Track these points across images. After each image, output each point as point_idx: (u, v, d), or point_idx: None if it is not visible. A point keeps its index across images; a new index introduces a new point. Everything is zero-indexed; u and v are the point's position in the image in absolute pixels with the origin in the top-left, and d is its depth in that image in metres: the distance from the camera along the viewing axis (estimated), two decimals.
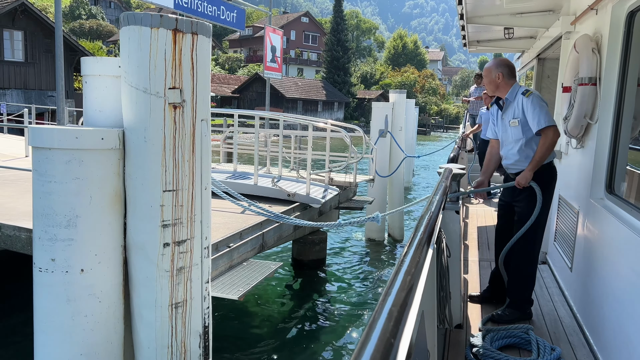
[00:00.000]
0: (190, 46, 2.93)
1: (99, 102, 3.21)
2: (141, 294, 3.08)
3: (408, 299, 1.11)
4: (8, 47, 21.24)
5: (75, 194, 2.82)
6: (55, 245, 2.83)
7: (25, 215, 5.94)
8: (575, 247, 3.89)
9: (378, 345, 0.86)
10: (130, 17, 2.81)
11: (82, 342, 2.93)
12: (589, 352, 3.20)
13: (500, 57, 4.15)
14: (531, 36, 7.53)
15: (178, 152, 2.97)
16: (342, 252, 10.48)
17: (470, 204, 8.34)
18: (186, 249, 3.10)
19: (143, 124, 2.89)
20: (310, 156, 7.36)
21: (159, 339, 3.09)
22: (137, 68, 2.85)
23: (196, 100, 3.02)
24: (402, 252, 1.48)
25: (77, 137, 2.78)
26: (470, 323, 3.62)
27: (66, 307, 2.88)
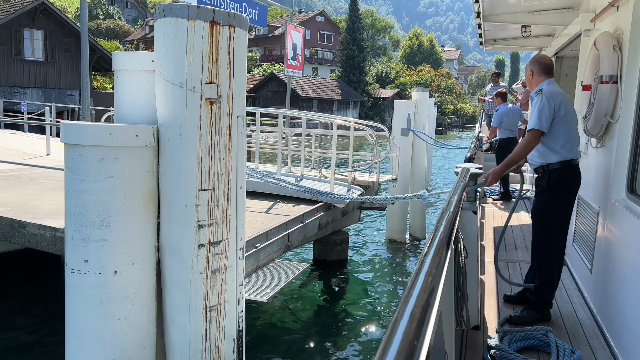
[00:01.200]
0: (227, 39, 2.81)
1: (131, 98, 3.11)
2: (174, 297, 2.97)
3: (430, 300, 1.11)
4: (28, 47, 21.43)
5: (109, 193, 2.72)
6: (88, 245, 2.73)
7: (49, 213, 5.89)
8: (595, 248, 3.81)
9: (401, 347, 0.85)
10: (167, 8, 2.70)
11: (114, 346, 2.83)
12: (610, 355, 3.12)
13: (539, 53, 4.06)
14: (549, 34, 7.40)
15: (214, 149, 2.86)
16: (364, 252, 10.33)
17: (486, 204, 8.16)
18: (221, 250, 2.99)
19: (179, 120, 2.78)
20: (335, 155, 7.22)
21: (193, 343, 2.98)
22: (172, 62, 2.73)
23: (233, 96, 2.90)
24: (422, 253, 1.47)
25: (111, 134, 2.68)
26: (488, 324, 3.57)
27: (99, 309, 2.78)
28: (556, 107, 3.36)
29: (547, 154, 3.43)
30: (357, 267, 9.41)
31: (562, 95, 3.44)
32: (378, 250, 10.57)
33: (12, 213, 5.88)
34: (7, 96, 20.72)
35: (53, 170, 9.14)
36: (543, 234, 3.52)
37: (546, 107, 3.34)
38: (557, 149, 3.40)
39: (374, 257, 10.08)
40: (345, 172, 8.12)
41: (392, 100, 58.41)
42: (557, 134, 3.38)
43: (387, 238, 11.13)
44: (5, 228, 5.76)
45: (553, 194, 3.43)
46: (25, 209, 6.12)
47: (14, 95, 21.12)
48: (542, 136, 3.37)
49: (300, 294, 7.96)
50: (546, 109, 3.34)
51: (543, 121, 3.34)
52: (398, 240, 10.96)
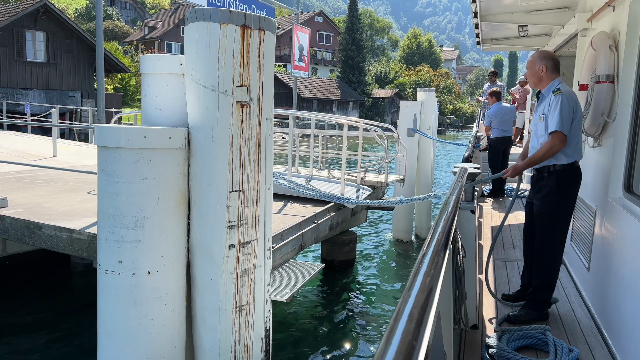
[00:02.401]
0: (258, 43, 2.85)
1: (159, 101, 3.14)
2: (205, 297, 3.01)
3: (428, 300, 1.11)
4: (30, 48, 21.43)
5: (143, 195, 2.76)
6: (122, 246, 2.77)
7: (64, 215, 5.92)
8: (592, 247, 3.82)
9: (400, 347, 0.86)
10: (199, 12, 2.74)
11: (147, 345, 2.87)
12: (608, 354, 3.13)
13: (544, 50, 4.06)
14: (546, 34, 7.41)
15: (244, 151, 2.90)
16: (371, 252, 10.37)
17: (484, 203, 8.21)
18: (250, 250, 3.03)
19: (211, 122, 2.82)
20: (345, 156, 7.26)
21: (223, 342, 3.02)
22: (205, 65, 2.78)
23: (262, 99, 2.94)
24: (421, 253, 1.48)
25: (146, 137, 2.72)
26: (486, 324, 3.57)
27: (132, 310, 2.82)
28: (574, 109, 3.32)
29: (558, 155, 3.38)
30: (364, 267, 9.45)
31: (576, 97, 3.41)
32: (385, 250, 10.61)
33: (27, 215, 5.91)
34: (10, 97, 20.72)
35: (61, 172, 9.17)
36: (549, 234, 3.49)
37: (567, 109, 3.26)
38: (569, 151, 3.36)
39: (381, 257, 10.13)
40: (355, 172, 8.16)
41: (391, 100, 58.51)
42: (571, 137, 3.33)
43: (394, 238, 11.18)
44: (20, 230, 5.79)
45: (561, 195, 3.41)
46: (39, 210, 6.14)
47: (16, 96, 21.11)
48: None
49: (308, 294, 8.00)
50: (567, 111, 3.26)
51: (565, 123, 3.26)
52: (404, 240, 11.01)
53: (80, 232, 5.34)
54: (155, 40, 57.81)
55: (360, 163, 8.23)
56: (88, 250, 5.32)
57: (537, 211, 3.56)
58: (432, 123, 11.43)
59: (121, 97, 26.57)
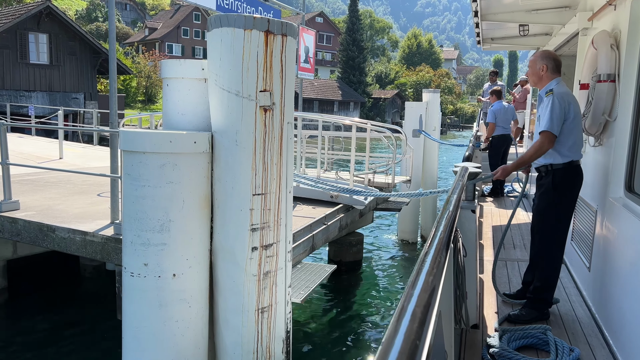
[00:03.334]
0: (280, 48, 2.89)
1: (181, 105, 3.18)
2: (228, 299, 3.05)
3: (431, 300, 1.10)
4: (33, 50, 21.47)
5: (169, 198, 2.79)
6: (148, 250, 2.81)
7: (76, 217, 5.96)
8: (593, 247, 3.81)
9: (403, 347, 0.85)
10: (223, 18, 2.78)
11: (172, 347, 2.90)
12: (609, 353, 3.12)
13: (546, 49, 4.07)
14: (546, 33, 7.40)
15: (267, 155, 2.94)
16: (377, 253, 10.41)
17: (485, 202, 8.22)
18: (272, 252, 3.07)
19: (234, 127, 2.86)
20: (354, 157, 7.30)
21: (245, 344, 3.06)
22: (229, 71, 2.81)
23: (284, 103, 2.98)
24: (422, 252, 1.47)
25: (172, 141, 2.75)
26: (487, 323, 3.57)
27: (158, 312, 2.86)
28: (566, 110, 3.31)
29: (553, 154, 3.39)
30: (372, 268, 9.49)
31: (571, 97, 3.39)
32: (391, 251, 10.65)
33: (39, 217, 5.95)
34: (13, 100, 20.76)
35: (69, 174, 9.20)
36: (546, 233, 3.49)
37: (557, 110, 3.27)
38: (564, 151, 3.36)
39: (388, 258, 10.16)
40: (362, 174, 8.19)
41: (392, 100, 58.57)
42: (565, 137, 3.33)
43: (399, 239, 11.22)
44: (34, 232, 5.83)
45: (557, 194, 3.41)
46: (51, 213, 6.18)
47: (19, 98, 21.15)
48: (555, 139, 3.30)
49: (316, 295, 8.04)
50: (557, 112, 3.27)
51: (555, 124, 3.27)
52: (410, 241, 11.05)
53: (94, 234, 5.38)
54: (155, 42, 57.87)
55: (368, 164, 8.26)
56: (102, 253, 5.36)
57: (535, 209, 3.60)
58: (437, 124, 11.47)
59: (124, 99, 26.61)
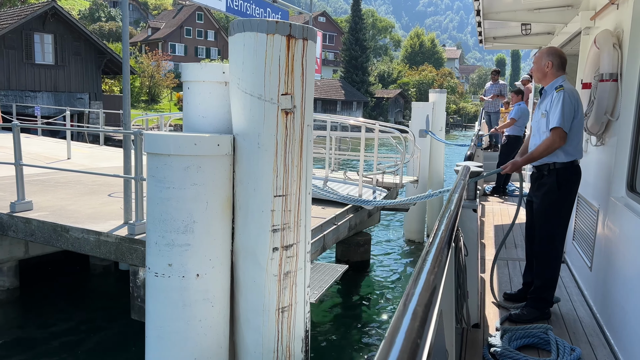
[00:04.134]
0: (301, 52, 2.94)
1: (202, 108, 3.23)
2: (249, 299, 3.10)
3: (432, 299, 1.10)
4: (39, 50, 21.55)
5: (193, 200, 2.84)
6: (172, 250, 2.86)
7: (89, 218, 6.02)
8: (595, 246, 3.80)
9: (404, 345, 0.85)
10: (246, 23, 2.83)
11: (195, 346, 2.95)
12: (610, 353, 3.12)
13: (553, 46, 4.05)
14: (549, 32, 7.39)
15: (288, 157, 2.98)
16: (384, 253, 10.45)
17: (486, 202, 8.23)
18: (292, 253, 3.12)
19: (257, 130, 2.91)
20: (363, 158, 7.34)
21: (266, 343, 3.11)
22: (252, 75, 2.86)
23: (305, 106, 3.03)
24: (424, 251, 1.47)
25: (196, 144, 2.80)
26: (488, 322, 3.56)
27: (182, 311, 2.91)
28: (575, 107, 3.30)
29: (557, 153, 3.36)
30: (379, 268, 9.53)
31: (579, 95, 3.39)
32: (398, 251, 10.70)
33: (53, 217, 6.01)
34: (19, 100, 20.84)
35: (79, 174, 9.27)
36: (548, 233, 3.48)
37: (568, 106, 3.26)
38: (569, 149, 3.35)
39: (395, 258, 10.21)
40: (371, 174, 8.24)
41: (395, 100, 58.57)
42: (572, 135, 3.32)
43: (406, 239, 11.26)
44: (47, 232, 5.89)
45: (561, 193, 3.40)
46: (64, 213, 6.24)
47: (25, 99, 21.24)
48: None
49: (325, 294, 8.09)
50: (568, 108, 3.26)
51: (566, 121, 3.26)
52: (416, 241, 11.09)
53: (108, 234, 5.43)
54: (159, 42, 57.95)
55: (376, 165, 8.31)
56: (115, 253, 5.42)
57: (537, 209, 3.57)
58: (443, 124, 11.51)
59: None
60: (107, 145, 16.96)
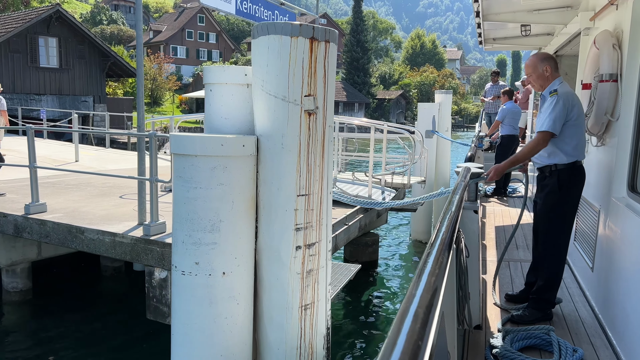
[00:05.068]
0: (324, 54, 3.00)
1: (225, 110, 3.29)
2: (272, 296, 3.15)
3: (433, 300, 1.10)
4: (43, 54, 21.65)
5: (219, 199, 2.90)
6: (199, 249, 2.92)
7: (103, 219, 6.08)
8: (596, 247, 3.80)
9: (406, 347, 0.85)
10: (270, 26, 2.89)
11: (221, 343, 3.01)
12: (612, 354, 3.12)
13: (542, 51, 4.05)
14: (548, 33, 7.39)
15: (311, 157, 3.04)
16: (392, 253, 10.51)
17: (487, 203, 8.25)
18: (315, 251, 3.17)
19: (280, 130, 2.96)
20: (372, 159, 7.40)
21: (289, 340, 3.16)
22: (276, 77, 2.92)
23: (326, 107, 3.09)
24: (425, 253, 1.47)
25: (223, 145, 2.86)
26: (490, 324, 3.55)
27: (208, 309, 2.96)
28: (569, 110, 3.30)
29: (557, 154, 3.39)
30: (387, 268, 9.58)
31: (575, 97, 3.39)
32: (405, 251, 10.75)
33: (67, 219, 6.07)
34: (24, 103, 20.94)
35: (89, 177, 9.34)
36: (551, 234, 3.48)
37: (561, 110, 3.27)
38: (568, 150, 3.36)
39: (402, 258, 10.26)
40: (379, 174, 8.29)
41: (396, 101, 58.65)
42: (569, 136, 3.33)
43: (413, 239, 11.31)
44: (62, 234, 5.95)
45: (562, 194, 3.41)
46: (78, 215, 6.30)
47: (30, 102, 21.33)
48: (552, 138, 3.32)
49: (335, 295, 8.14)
50: (560, 112, 3.27)
51: (557, 124, 3.27)
52: (423, 241, 11.14)
53: (123, 235, 5.49)
54: (160, 44, 58.10)
55: (384, 165, 8.37)
56: (131, 253, 5.47)
57: (540, 210, 3.58)
58: (449, 124, 11.57)
59: (132, 102, 26.77)
60: (113, 147, 17.04)
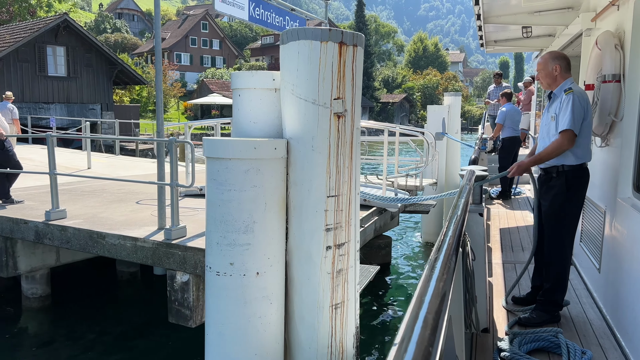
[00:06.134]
0: (352, 57, 3.07)
1: (253, 114, 3.37)
2: (303, 296, 3.21)
3: (442, 306, 1.10)
4: (51, 63, 21.86)
5: (253, 201, 2.97)
6: (234, 250, 2.98)
7: (123, 224, 6.16)
8: (602, 248, 3.79)
9: (416, 354, 0.85)
10: (301, 32, 2.97)
11: (256, 342, 3.07)
12: (621, 355, 3.10)
13: (554, 50, 4.04)
14: (550, 34, 7.42)
15: (340, 159, 3.11)
16: (404, 256, 10.55)
17: (492, 205, 8.25)
18: (344, 251, 3.24)
19: (311, 133, 3.04)
20: (386, 161, 7.47)
21: (320, 339, 3.22)
22: (306, 81, 2.99)
23: (354, 109, 3.16)
24: (432, 257, 1.46)
25: (256, 148, 2.94)
26: (497, 327, 3.54)
27: (243, 309, 3.03)
28: (585, 109, 3.31)
29: (567, 155, 3.36)
30: (400, 271, 9.62)
31: (587, 97, 3.39)
32: (417, 253, 10.79)
33: (88, 225, 6.16)
34: (33, 112, 21.13)
35: (103, 184, 9.45)
36: (557, 235, 3.47)
37: (578, 109, 3.26)
38: (578, 152, 3.35)
39: (414, 260, 10.30)
40: (393, 177, 8.36)
41: (400, 104, 58.75)
42: (581, 137, 3.32)
43: (424, 241, 11.36)
44: (84, 239, 6.03)
45: (570, 195, 3.40)
46: (98, 220, 6.39)
47: (38, 110, 21.53)
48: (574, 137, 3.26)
49: None
50: (578, 110, 3.26)
51: (577, 123, 3.25)
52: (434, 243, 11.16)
53: (145, 240, 5.57)
54: (164, 51, 58.45)
55: (397, 168, 8.43)
56: (152, 258, 5.55)
57: (546, 212, 3.54)
58: (459, 127, 11.63)
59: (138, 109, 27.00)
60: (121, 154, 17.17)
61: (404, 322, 0.99)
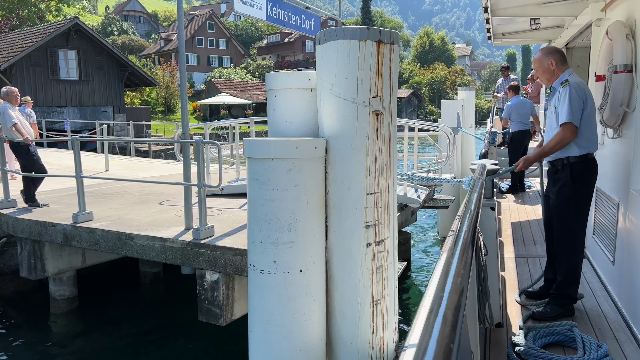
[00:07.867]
0: (389, 56, 3.10)
1: (289, 114, 3.41)
2: (344, 292, 3.26)
3: (460, 301, 1.10)
4: (63, 67, 22.07)
5: (295, 200, 3.02)
6: (277, 248, 3.03)
7: (150, 225, 6.23)
8: (616, 240, 3.76)
9: (437, 350, 0.85)
10: (339, 32, 3.00)
11: (300, 338, 3.12)
12: (637, 348, 3.08)
13: (549, 45, 4.04)
14: (558, 25, 7.36)
15: (379, 156, 3.14)
16: (422, 251, 10.58)
17: (503, 199, 8.23)
18: (384, 248, 3.27)
19: (350, 132, 3.07)
20: (407, 158, 7.49)
21: (362, 335, 3.26)
22: (345, 80, 3.03)
23: (392, 107, 3.19)
24: (447, 253, 1.46)
25: (297, 148, 2.98)
26: (511, 321, 3.52)
27: (287, 305, 3.08)
28: (584, 100, 3.29)
29: (570, 147, 3.36)
30: (419, 266, 9.65)
31: (586, 88, 3.37)
32: (434, 248, 10.81)
33: (115, 226, 6.24)
34: (46, 116, 21.34)
35: (124, 185, 9.54)
36: (566, 228, 3.46)
37: (576, 100, 3.25)
38: (581, 142, 3.34)
39: (432, 256, 10.32)
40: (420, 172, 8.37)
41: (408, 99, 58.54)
42: (582, 128, 3.31)
43: (441, 236, 11.36)
44: (112, 241, 6.11)
45: (576, 187, 3.39)
46: (124, 222, 6.47)
47: (52, 114, 21.74)
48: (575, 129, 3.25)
49: None
50: (576, 102, 3.25)
51: (576, 114, 3.25)
52: None
53: (174, 240, 5.64)
54: (172, 53, 58.69)
55: (416, 163, 8.45)
56: (182, 258, 5.61)
57: (554, 204, 3.55)
58: (473, 121, 11.61)
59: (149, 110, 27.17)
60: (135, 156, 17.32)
61: (418, 317, 0.99)
